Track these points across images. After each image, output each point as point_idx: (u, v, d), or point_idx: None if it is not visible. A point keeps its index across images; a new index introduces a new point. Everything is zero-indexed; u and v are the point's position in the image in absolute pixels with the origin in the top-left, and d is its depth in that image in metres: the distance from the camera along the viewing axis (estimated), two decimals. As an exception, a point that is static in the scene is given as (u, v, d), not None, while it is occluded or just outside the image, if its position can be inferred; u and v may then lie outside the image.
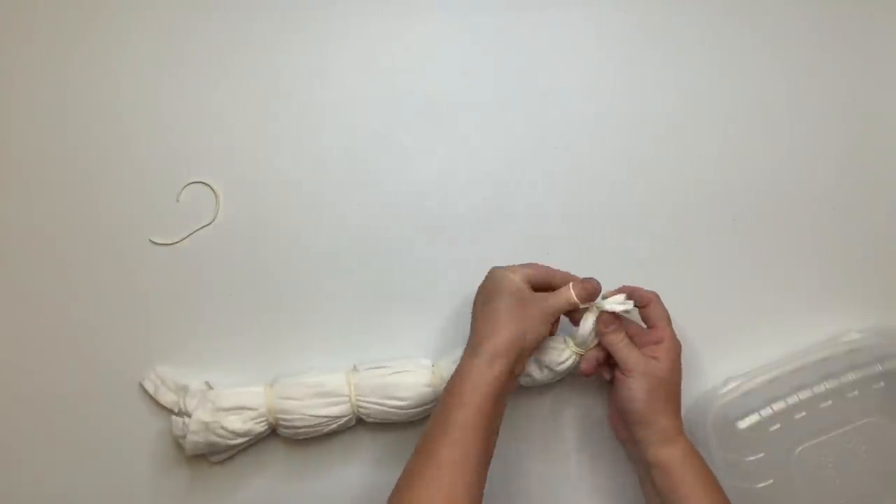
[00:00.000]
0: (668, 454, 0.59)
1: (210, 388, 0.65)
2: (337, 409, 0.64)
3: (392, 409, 0.64)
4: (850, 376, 0.63)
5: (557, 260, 0.70)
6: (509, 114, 0.73)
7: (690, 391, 0.67)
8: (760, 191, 0.73)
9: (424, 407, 0.64)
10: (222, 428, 0.62)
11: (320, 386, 0.64)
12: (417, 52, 0.74)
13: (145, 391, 0.66)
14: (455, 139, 0.73)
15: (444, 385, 0.62)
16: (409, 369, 0.65)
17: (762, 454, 0.63)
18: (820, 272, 0.72)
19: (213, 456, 0.65)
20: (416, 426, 0.67)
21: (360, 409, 0.64)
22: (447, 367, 0.63)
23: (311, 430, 0.64)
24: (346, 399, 0.64)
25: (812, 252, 0.72)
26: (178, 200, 0.70)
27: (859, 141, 0.74)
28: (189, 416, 0.63)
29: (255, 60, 0.73)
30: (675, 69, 0.74)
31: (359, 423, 0.66)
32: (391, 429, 0.67)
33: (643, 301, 0.64)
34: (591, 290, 0.62)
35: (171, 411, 0.65)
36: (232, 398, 0.63)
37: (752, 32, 0.75)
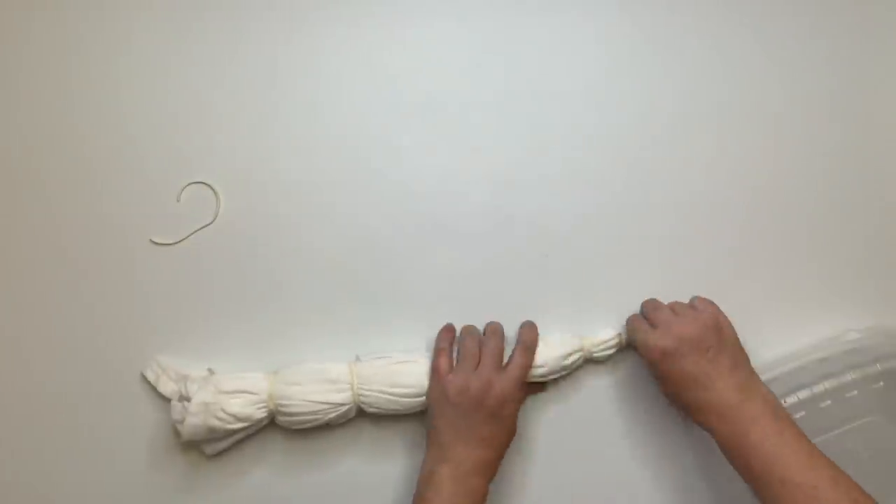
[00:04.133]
0: (717, 432, 0.59)
1: (212, 373, 0.65)
2: (338, 396, 0.64)
3: (395, 398, 0.64)
4: (850, 376, 0.63)
5: (557, 261, 0.71)
6: (510, 115, 0.73)
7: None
8: (760, 191, 0.73)
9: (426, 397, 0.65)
10: (222, 410, 0.62)
11: (322, 373, 0.64)
12: (418, 54, 0.74)
13: (146, 381, 0.66)
14: (455, 140, 0.73)
15: None
16: (411, 360, 0.65)
17: (761, 454, 0.63)
18: (819, 272, 0.72)
19: (208, 447, 0.65)
20: (416, 419, 0.67)
21: (362, 398, 0.64)
22: None
23: (310, 416, 0.63)
24: (348, 386, 0.64)
25: (811, 252, 0.72)
26: (178, 200, 0.71)
27: (858, 141, 0.74)
28: (189, 400, 0.63)
29: (256, 61, 0.73)
30: (676, 71, 0.74)
31: (358, 416, 0.66)
32: (390, 422, 0.67)
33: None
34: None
35: (170, 400, 0.65)
36: (234, 382, 0.64)
37: (753, 34, 0.75)
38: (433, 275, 0.70)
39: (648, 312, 0.66)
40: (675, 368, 0.61)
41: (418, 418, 0.67)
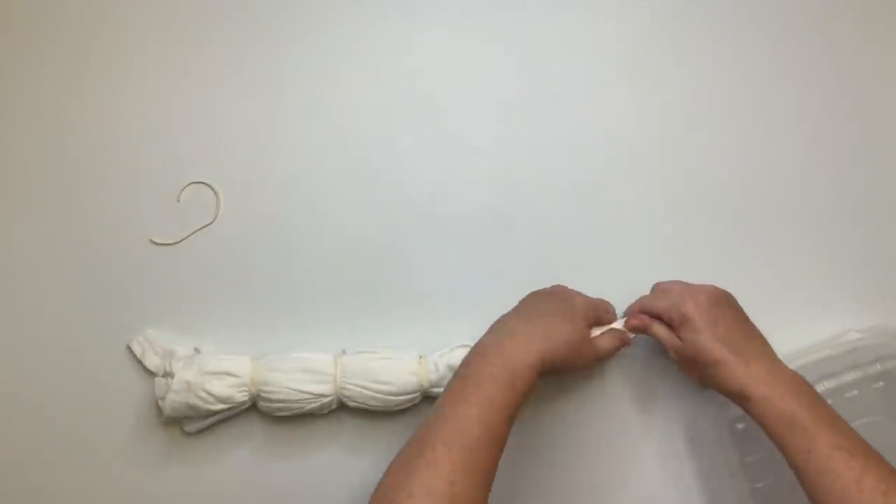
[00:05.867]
0: (761, 390, 0.56)
1: (198, 352, 0.66)
2: (320, 387, 0.64)
3: (374, 394, 0.64)
4: (850, 376, 0.63)
5: (556, 260, 0.71)
6: (511, 115, 0.73)
7: (690, 391, 0.68)
8: (761, 191, 0.73)
9: (407, 396, 0.64)
10: (204, 390, 0.62)
11: (306, 362, 0.64)
12: (418, 54, 0.74)
13: (133, 355, 0.67)
14: (455, 140, 0.73)
15: (429, 378, 0.64)
16: (395, 357, 0.65)
17: (762, 454, 0.63)
18: (820, 272, 0.72)
19: (189, 425, 0.65)
20: (398, 417, 0.67)
21: (343, 391, 0.64)
22: (435, 360, 0.64)
23: (291, 405, 0.64)
24: (331, 378, 0.64)
25: (812, 252, 0.72)
26: (178, 200, 0.71)
27: (860, 141, 0.74)
28: (173, 377, 0.63)
29: (256, 61, 0.73)
30: (678, 71, 0.75)
31: (340, 409, 0.66)
32: (373, 417, 0.67)
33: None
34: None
35: (155, 375, 0.65)
36: (218, 363, 0.64)
37: (755, 34, 0.75)
38: (433, 275, 0.70)
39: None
40: (726, 312, 0.60)
41: (400, 416, 0.67)
